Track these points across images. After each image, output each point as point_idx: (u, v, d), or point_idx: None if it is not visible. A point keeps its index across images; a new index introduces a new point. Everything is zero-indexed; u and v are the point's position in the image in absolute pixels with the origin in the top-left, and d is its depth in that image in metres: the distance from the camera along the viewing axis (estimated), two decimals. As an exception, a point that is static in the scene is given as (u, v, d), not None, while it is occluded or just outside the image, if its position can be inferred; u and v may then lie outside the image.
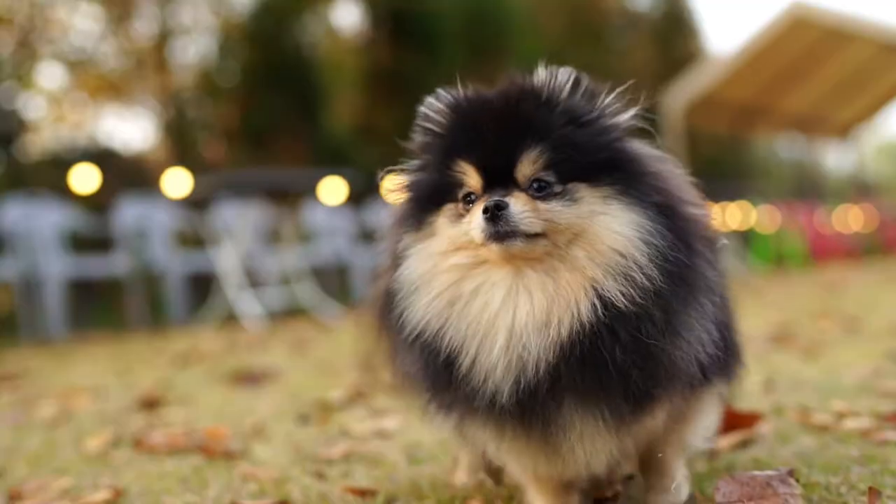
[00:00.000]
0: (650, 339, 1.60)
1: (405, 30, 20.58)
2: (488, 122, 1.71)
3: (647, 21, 33.10)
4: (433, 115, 1.81)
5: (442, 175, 1.74)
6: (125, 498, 2.34)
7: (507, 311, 1.63)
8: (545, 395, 1.61)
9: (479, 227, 1.63)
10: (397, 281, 1.74)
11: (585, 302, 1.59)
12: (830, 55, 21.47)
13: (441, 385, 1.72)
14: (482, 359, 1.63)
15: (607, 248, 1.62)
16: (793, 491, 1.77)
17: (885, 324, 5.23)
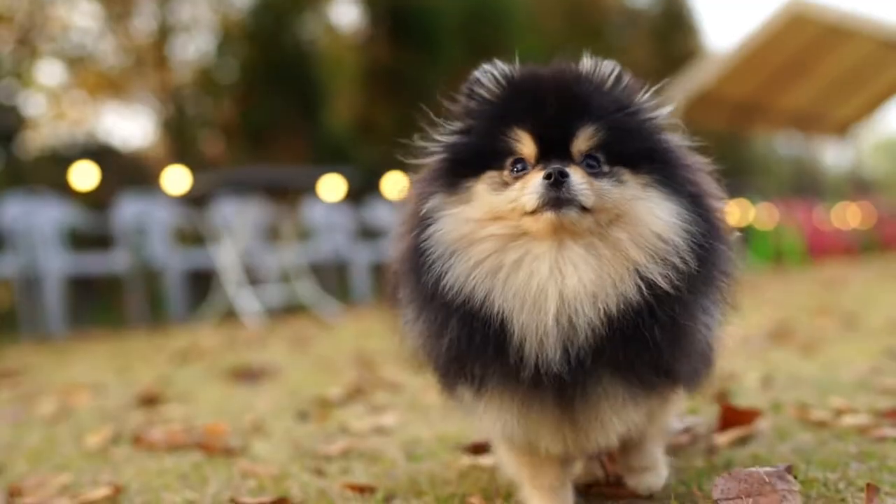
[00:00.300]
0: (683, 320, 1.68)
1: (404, 27, 20.59)
2: (546, 96, 1.74)
3: (646, 18, 33.10)
4: (485, 83, 1.82)
5: (489, 141, 1.74)
6: (125, 494, 2.35)
7: (554, 281, 1.64)
8: (589, 365, 1.65)
9: (535, 193, 1.64)
10: (429, 241, 1.71)
11: (630, 281, 1.64)
12: (829, 52, 21.46)
13: (478, 354, 1.69)
14: (533, 327, 1.64)
15: (650, 233, 1.67)
16: (791, 487, 1.78)
17: (883, 321, 5.24)
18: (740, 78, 20.74)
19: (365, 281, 13.03)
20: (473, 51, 21.60)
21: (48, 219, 10.22)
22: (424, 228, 1.72)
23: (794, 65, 21.74)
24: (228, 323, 9.63)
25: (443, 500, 2.05)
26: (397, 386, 4.08)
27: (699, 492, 1.95)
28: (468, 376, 1.74)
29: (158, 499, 2.28)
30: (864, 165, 31.08)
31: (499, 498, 2.03)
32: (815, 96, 24.17)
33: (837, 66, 22.45)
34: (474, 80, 1.83)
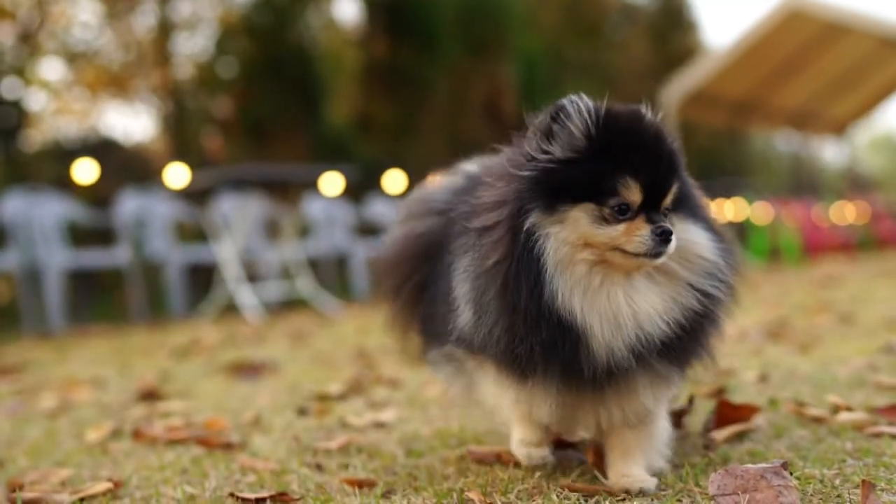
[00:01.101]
0: (722, 316, 2.05)
1: (402, 23, 20.59)
2: (651, 149, 1.95)
3: (645, 14, 33.06)
4: (580, 117, 1.94)
5: (595, 178, 1.90)
6: (124, 489, 2.36)
7: (630, 305, 1.89)
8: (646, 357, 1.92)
9: (645, 243, 1.88)
10: (534, 257, 1.87)
11: (689, 295, 1.95)
12: (826, 50, 21.44)
13: (554, 355, 1.89)
14: (612, 340, 1.87)
15: (696, 256, 1.97)
16: (787, 483, 1.79)
17: (879, 318, 5.26)
18: (737, 76, 20.73)
19: (364, 277, 13.04)
20: (472, 47, 21.62)
21: (49, 214, 10.23)
22: (527, 244, 1.88)
23: (791, 62, 21.73)
24: (229, 318, 9.64)
25: (441, 495, 2.07)
26: (397, 382, 4.10)
27: (696, 487, 1.97)
28: (535, 370, 1.94)
29: (158, 493, 2.29)
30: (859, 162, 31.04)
31: (497, 493, 2.04)
32: (812, 94, 24.15)
33: (835, 64, 22.43)
34: (566, 112, 1.95)
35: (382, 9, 21.27)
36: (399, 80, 20.59)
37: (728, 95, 21.46)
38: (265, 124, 19.09)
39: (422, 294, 2.34)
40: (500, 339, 1.93)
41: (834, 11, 18.89)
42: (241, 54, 19.77)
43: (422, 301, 2.35)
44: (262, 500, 2.13)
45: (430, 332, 2.33)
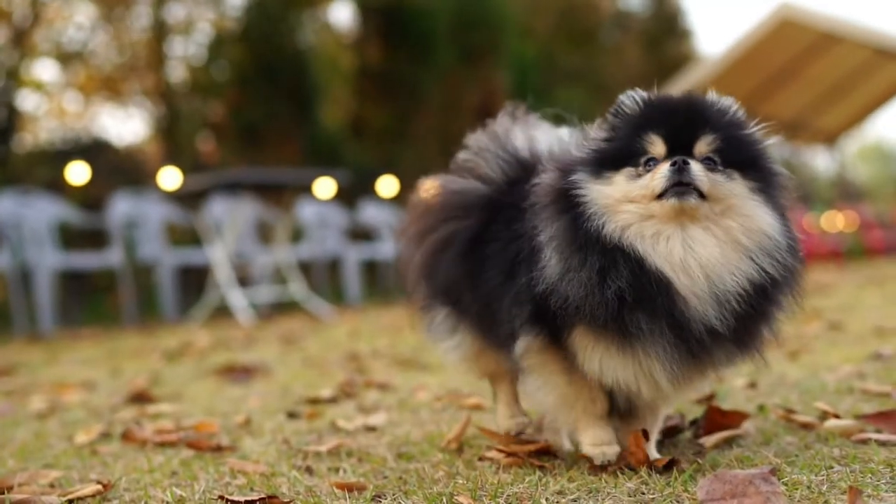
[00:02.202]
0: (783, 305, 2.14)
1: (396, 28, 20.60)
2: (676, 110, 2.16)
3: (639, 21, 33.11)
4: (627, 103, 2.20)
5: (628, 144, 2.13)
6: (113, 491, 2.36)
7: (692, 255, 2.02)
8: (725, 327, 2.03)
9: (663, 177, 2.04)
10: (584, 200, 2.10)
11: (748, 264, 2.03)
12: (818, 59, 21.47)
13: (646, 304, 2.02)
14: (695, 289, 2.00)
15: (758, 228, 2.06)
16: (775, 489, 1.80)
17: (867, 326, 5.28)
18: (729, 84, 20.70)
19: (356, 281, 13.05)
20: (465, 53, 21.64)
21: (40, 215, 10.21)
22: (579, 199, 2.10)
23: (782, 72, 21.76)
24: (220, 321, 9.63)
25: (431, 498, 2.07)
26: (388, 386, 4.10)
27: (686, 493, 1.98)
28: (627, 322, 2.04)
29: (147, 495, 2.29)
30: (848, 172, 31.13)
31: (487, 497, 2.05)
32: (803, 104, 24.17)
33: (826, 74, 22.46)
34: (619, 101, 2.21)
35: (376, 14, 21.27)
36: (392, 84, 20.59)
37: (721, 104, 21.50)
38: (258, 128, 19.07)
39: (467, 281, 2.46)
40: (584, 285, 2.05)
41: (826, 21, 18.94)
42: (235, 58, 19.75)
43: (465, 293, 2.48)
44: (251, 502, 2.13)
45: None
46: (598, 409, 2.29)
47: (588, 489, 2.07)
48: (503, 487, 2.11)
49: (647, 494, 1.99)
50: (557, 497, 2.02)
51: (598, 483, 2.11)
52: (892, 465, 2.06)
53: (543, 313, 2.17)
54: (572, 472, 2.22)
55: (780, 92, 22.71)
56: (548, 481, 2.14)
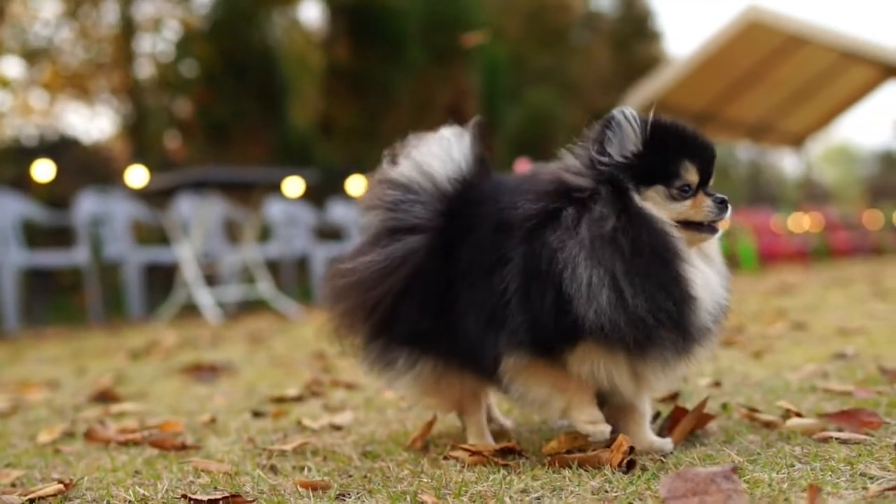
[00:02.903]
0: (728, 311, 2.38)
1: (365, 28, 20.56)
2: (701, 143, 2.34)
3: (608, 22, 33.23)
4: (640, 122, 2.31)
5: (662, 164, 2.26)
6: (75, 490, 2.34)
7: (707, 273, 2.28)
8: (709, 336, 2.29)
9: (711, 211, 2.27)
10: (645, 219, 2.21)
11: (724, 281, 2.36)
12: (785, 62, 21.63)
13: (674, 315, 2.16)
14: (709, 302, 2.24)
15: (716, 245, 2.40)
16: (736, 487, 1.82)
17: (831, 326, 5.33)
18: (696, 86, 20.86)
19: (324, 280, 12.99)
20: (436, 53, 21.64)
21: (5, 213, 10.11)
22: (631, 212, 2.20)
23: (750, 74, 21.91)
24: (187, 320, 9.58)
25: (395, 497, 2.07)
26: (354, 385, 4.10)
27: (648, 491, 1.99)
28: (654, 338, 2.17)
29: (110, 494, 2.27)
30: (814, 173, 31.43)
31: (451, 495, 2.05)
32: (770, 107, 24.35)
33: (793, 77, 22.64)
34: (618, 120, 2.30)
35: (346, 12, 21.22)
36: (362, 83, 20.56)
37: (687, 106, 21.60)
38: (227, 126, 18.98)
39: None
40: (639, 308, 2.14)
41: (793, 24, 19.09)
42: (203, 55, 19.64)
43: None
44: (214, 501, 2.12)
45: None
46: (589, 390, 2.35)
47: (552, 487, 2.07)
48: (467, 486, 2.12)
49: (611, 492, 2.00)
50: (521, 495, 2.03)
51: (562, 481, 2.12)
52: (853, 462, 2.08)
53: (538, 331, 2.20)
54: (536, 471, 2.22)
55: (747, 94, 22.88)
56: (512, 480, 2.15)
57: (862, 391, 2.98)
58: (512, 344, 2.25)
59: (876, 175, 55.11)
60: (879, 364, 3.48)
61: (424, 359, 2.51)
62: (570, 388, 2.31)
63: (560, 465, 2.24)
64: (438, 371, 2.52)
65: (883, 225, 24.14)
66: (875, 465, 2.04)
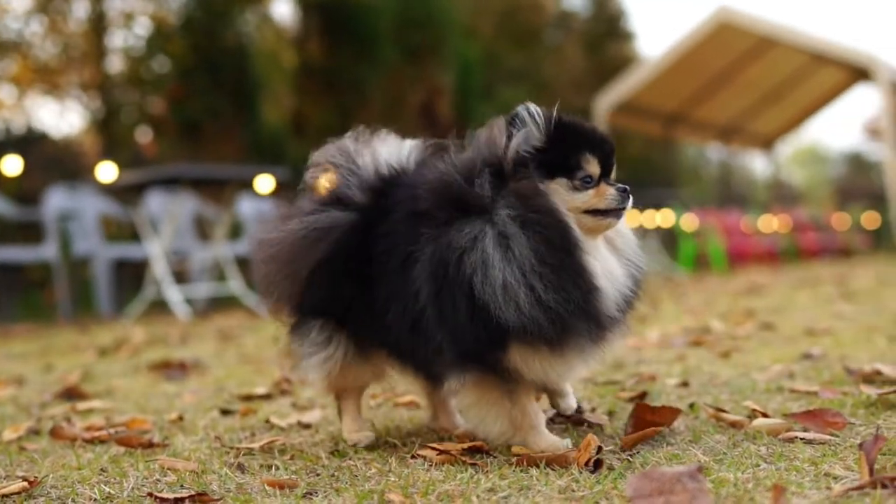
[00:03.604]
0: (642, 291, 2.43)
1: (337, 26, 20.50)
2: (601, 136, 2.41)
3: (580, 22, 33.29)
4: (545, 118, 2.33)
5: (564, 157, 2.32)
6: (40, 488, 2.32)
7: (610, 263, 2.33)
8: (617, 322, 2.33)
9: (614, 199, 2.32)
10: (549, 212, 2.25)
11: (631, 271, 2.38)
12: (755, 63, 21.74)
13: (588, 311, 2.23)
14: (612, 291, 2.28)
15: (629, 237, 2.45)
16: (701, 486, 1.82)
17: (798, 326, 5.37)
18: (666, 87, 20.93)
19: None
20: (409, 52, 21.61)
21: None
22: (546, 198, 2.27)
23: (720, 75, 22.00)
24: (157, 317, 9.52)
25: (362, 496, 2.07)
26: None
27: (614, 490, 2.00)
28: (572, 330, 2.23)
29: (74, 493, 2.26)
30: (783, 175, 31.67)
31: (418, 494, 2.05)
32: (740, 109, 24.46)
33: (763, 79, 22.77)
34: (521, 116, 2.33)
35: (318, 10, 21.16)
36: (335, 81, 20.50)
37: (658, 106, 21.70)
38: (199, 123, 18.88)
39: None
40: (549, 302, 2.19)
41: (763, 25, 19.19)
42: (175, 52, 19.53)
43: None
44: (180, 500, 2.11)
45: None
46: (540, 420, 2.43)
47: (519, 486, 2.08)
48: (435, 485, 2.12)
49: (578, 492, 2.01)
50: (489, 494, 2.03)
51: (529, 480, 2.12)
52: (817, 462, 2.10)
53: (461, 346, 2.27)
54: (504, 470, 2.23)
55: (717, 95, 23.00)
56: (479, 479, 2.15)
57: (827, 392, 3.01)
58: (444, 365, 2.35)
59: (845, 177, 55.64)
60: (845, 365, 3.51)
61: (342, 346, 2.62)
62: (525, 421, 2.40)
63: (527, 465, 2.25)
64: (350, 352, 2.63)
65: (851, 226, 24.38)
66: (839, 465, 2.06)
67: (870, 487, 1.84)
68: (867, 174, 47.71)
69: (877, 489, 1.83)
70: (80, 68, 20.17)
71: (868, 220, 25.60)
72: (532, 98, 2.42)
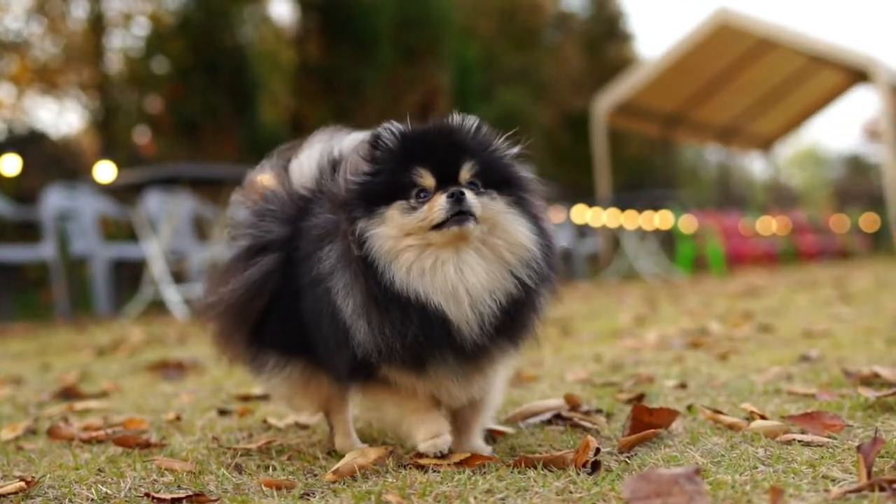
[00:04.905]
0: (538, 304, 2.33)
1: (336, 26, 20.49)
2: (437, 142, 2.29)
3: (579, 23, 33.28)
4: (387, 137, 2.29)
5: (397, 178, 2.24)
6: (37, 488, 2.32)
7: (461, 280, 2.19)
8: (490, 336, 2.23)
9: (443, 209, 2.17)
10: (371, 254, 2.19)
11: (509, 279, 2.23)
12: (754, 65, 21.73)
13: (432, 340, 2.20)
14: (460, 315, 2.18)
15: (519, 243, 2.26)
16: (699, 489, 1.82)
17: (796, 329, 5.37)
18: (665, 89, 20.91)
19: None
20: (407, 52, 21.61)
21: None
22: (362, 245, 2.20)
23: (719, 77, 21.99)
24: (155, 317, 9.52)
25: (360, 497, 2.07)
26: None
27: (612, 492, 1.99)
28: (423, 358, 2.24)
29: (72, 493, 2.26)
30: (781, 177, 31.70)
31: (416, 495, 2.05)
32: (739, 111, 24.45)
33: (762, 80, 22.76)
34: (377, 135, 2.30)
35: (317, 10, 21.16)
36: (333, 81, 20.50)
37: (657, 108, 21.69)
38: (197, 122, 18.88)
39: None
40: (382, 334, 2.21)
41: (762, 27, 19.19)
42: (174, 52, 19.52)
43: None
44: (178, 500, 2.11)
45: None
46: (424, 407, 2.41)
47: (517, 488, 2.08)
48: (432, 486, 2.11)
49: (575, 493, 2.01)
50: (486, 496, 2.03)
51: (526, 482, 2.12)
52: (815, 465, 2.10)
53: (343, 357, 2.33)
54: (501, 471, 2.22)
55: (716, 97, 22.99)
56: (477, 480, 2.15)
57: (825, 394, 3.01)
58: (340, 369, 2.42)
59: (843, 179, 55.66)
60: (843, 367, 3.51)
61: (293, 364, 2.62)
62: (407, 407, 2.41)
63: (525, 466, 2.25)
64: (306, 375, 2.64)
65: (849, 228, 24.40)
66: (837, 468, 2.06)
67: (868, 490, 1.84)
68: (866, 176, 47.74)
69: (875, 491, 1.83)
70: (78, 68, 20.16)
71: (867, 222, 25.63)
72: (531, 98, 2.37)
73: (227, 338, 2.72)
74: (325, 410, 2.77)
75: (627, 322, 6.64)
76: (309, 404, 2.76)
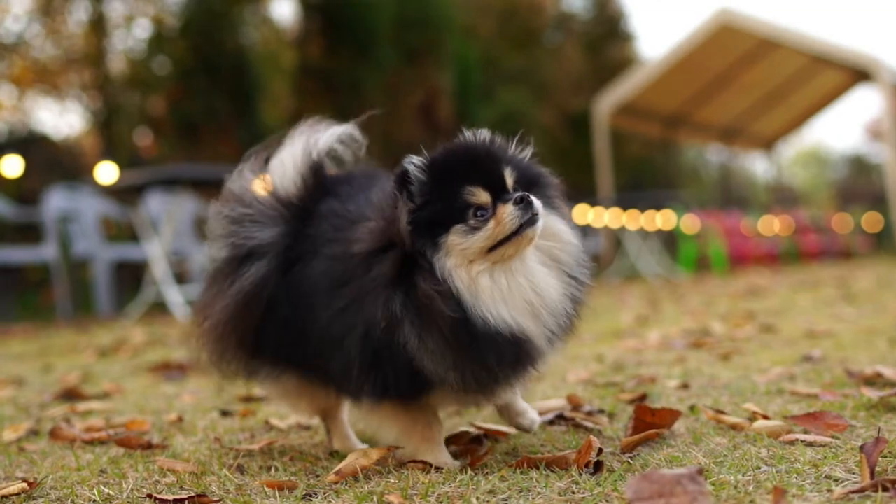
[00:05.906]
0: (586, 302, 2.33)
1: (337, 26, 20.49)
2: (473, 159, 2.24)
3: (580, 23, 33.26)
4: (415, 170, 2.20)
5: (448, 204, 2.17)
6: (39, 489, 2.32)
7: (536, 294, 2.17)
8: (551, 346, 2.26)
9: (515, 217, 2.13)
10: (444, 287, 2.12)
11: (572, 284, 2.25)
12: (756, 65, 21.71)
13: (508, 366, 2.18)
14: (537, 330, 2.17)
15: (568, 241, 2.28)
16: (702, 489, 1.82)
17: (799, 329, 5.37)
18: (667, 89, 20.90)
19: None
20: (408, 52, 21.60)
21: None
22: (433, 280, 2.13)
23: (720, 77, 21.98)
24: (156, 318, 9.52)
25: (362, 497, 2.07)
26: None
27: (615, 492, 1.99)
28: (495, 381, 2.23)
29: (74, 494, 2.25)
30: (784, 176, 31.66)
31: (418, 496, 2.05)
32: (741, 111, 24.44)
33: (764, 80, 22.74)
34: (404, 172, 2.20)
35: (318, 11, 21.16)
36: (334, 82, 20.50)
37: (658, 108, 21.68)
38: (198, 123, 18.88)
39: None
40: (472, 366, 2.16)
41: (764, 27, 19.17)
42: (175, 53, 19.52)
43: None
44: (180, 501, 2.11)
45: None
46: (437, 435, 2.40)
47: (519, 488, 2.07)
48: (434, 486, 2.11)
49: (578, 494, 2.00)
50: (489, 496, 2.03)
51: (529, 482, 2.11)
52: (818, 465, 2.09)
53: (389, 386, 2.27)
54: (504, 472, 2.22)
55: (717, 97, 22.98)
56: (479, 480, 2.14)
57: (828, 394, 3.00)
58: (364, 391, 2.32)
59: (846, 178, 55.64)
60: (846, 367, 3.51)
61: (287, 374, 2.59)
62: (416, 433, 2.38)
63: (527, 466, 2.24)
64: (302, 383, 2.61)
65: (852, 228, 24.37)
66: (840, 468, 2.05)
67: (871, 490, 1.84)
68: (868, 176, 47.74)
69: (878, 492, 1.82)
70: (80, 69, 20.17)
71: (869, 222, 25.61)
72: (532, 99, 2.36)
73: (223, 355, 2.63)
74: (321, 415, 2.77)
75: (629, 322, 6.64)
76: (303, 410, 2.77)
